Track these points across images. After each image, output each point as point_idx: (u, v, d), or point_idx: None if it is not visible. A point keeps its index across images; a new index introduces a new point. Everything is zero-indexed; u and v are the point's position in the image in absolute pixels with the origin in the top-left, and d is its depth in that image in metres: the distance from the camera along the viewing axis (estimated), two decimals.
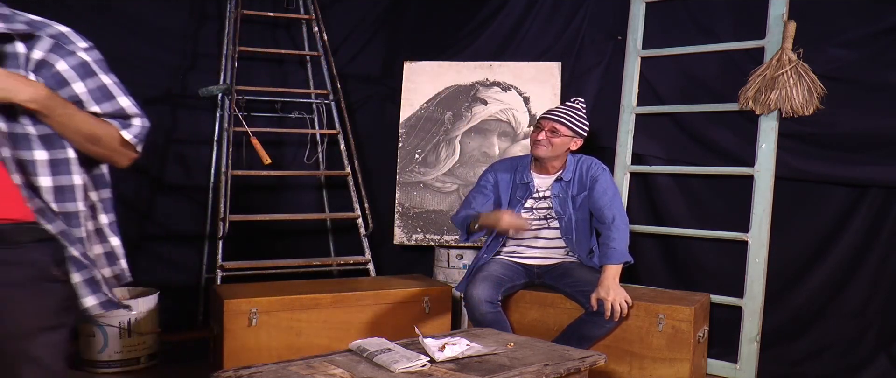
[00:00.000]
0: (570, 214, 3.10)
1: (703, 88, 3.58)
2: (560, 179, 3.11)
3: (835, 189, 3.27)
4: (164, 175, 4.05)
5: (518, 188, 3.15)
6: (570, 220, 3.10)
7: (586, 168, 3.11)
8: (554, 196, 3.11)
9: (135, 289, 3.52)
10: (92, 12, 3.80)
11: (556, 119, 3.03)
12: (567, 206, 3.10)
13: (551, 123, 3.02)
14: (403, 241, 3.95)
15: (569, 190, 3.10)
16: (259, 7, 4.11)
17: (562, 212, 3.11)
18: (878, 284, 3.18)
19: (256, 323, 3.03)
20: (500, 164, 3.26)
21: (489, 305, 2.89)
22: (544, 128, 3.03)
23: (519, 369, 2.15)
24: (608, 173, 3.14)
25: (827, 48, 3.22)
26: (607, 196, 3.06)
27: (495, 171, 3.21)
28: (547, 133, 3.02)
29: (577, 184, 3.10)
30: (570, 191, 3.10)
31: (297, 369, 2.09)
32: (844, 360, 3.18)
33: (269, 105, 4.22)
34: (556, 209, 3.11)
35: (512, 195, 3.16)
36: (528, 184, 3.13)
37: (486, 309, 2.88)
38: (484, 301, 2.88)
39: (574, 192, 3.10)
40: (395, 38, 4.56)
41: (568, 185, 3.11)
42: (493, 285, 2.95)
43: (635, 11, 3.73)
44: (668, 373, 2.97)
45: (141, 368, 3.30)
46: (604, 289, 2.85)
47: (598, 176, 3.09)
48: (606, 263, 2.91)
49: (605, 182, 3.08)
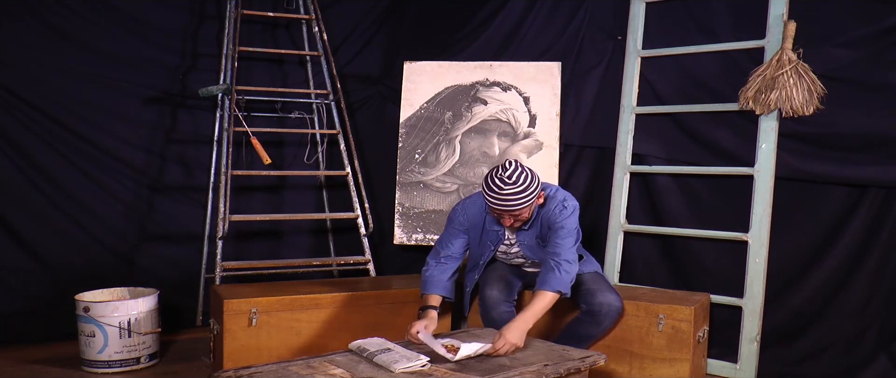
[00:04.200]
0: (542, 256, 2.90)
1: (703, 88, 3.58)
2: (522, 229, 2.94)
3: (835, 189, 3.27)
4: (164, 175, 4.05)
5: (488, 234, 2.99)
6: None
7: (549, 209, 2.87)
8: (520, 243, 2.97)
9: (135, 289, 3.52)
10: (92, 12, 3.81)
11: (513, 210, 2.73)
12: (537, 250, 2.95)
13: (511, 214, 2.76)
14: (403, 241, 3.95)
15: (534, 236, 2.94)
16: (259, 7, 4.11)
17: (533, 256, 2.99)
18: (878, 284, 3.18)
19: (256, 323, 3.03)
20: (470, 205, 3.02)
21: (506, 305, 2.90)
22: (505, 216, 2.79)
23: (519, 369, 2.15)
24: (569, 211, 2.85)
25: (827, 48, 3.22)
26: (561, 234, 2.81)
27: (467, 214, 3.00)
28: (510, 219, 2.79)
29: (541, 227, 2.91)
30: (535, 236, 2.93)
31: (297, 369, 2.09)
32: (844, 360, 3.18)
33: (269, 105, 4.22)
34: (527, 254, 3.00)
35: (483, 240, 3.01)
36: (497, 231, 2.98)
37: (504, 309, 2.89)
38: (502, 301, 2.90)
39: (542, 233, 2.92)
40: (395, 38, 4.56)
41: (531, 232, 2.94)
42: (508, 286, 2.97)
43: (635, 11, 3.73)
44: (668, 373, 2.97)
45: (141, 368, 3.30)
46: (511, 331, 2.52)
47: (557, 215, 2.84)
48: (542, 289, 2.69)
49: (562, 221, 2.82)
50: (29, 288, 3.70)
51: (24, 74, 3.66)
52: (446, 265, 2.96)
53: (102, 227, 3.87)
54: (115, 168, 3.90)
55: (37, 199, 3.71)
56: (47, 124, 3.71)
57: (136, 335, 3.26)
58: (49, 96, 3.71)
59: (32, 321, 3.69)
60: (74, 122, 3.77)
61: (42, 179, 3.72)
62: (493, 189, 2.69)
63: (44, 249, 3.73)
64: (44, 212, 3.73)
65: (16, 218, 3.67)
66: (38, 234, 3.72)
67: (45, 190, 3.73)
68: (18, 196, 3.67)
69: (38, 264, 3.72)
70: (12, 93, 3.63)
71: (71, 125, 3.76)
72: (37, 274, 3.72)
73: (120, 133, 3.90)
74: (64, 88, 3.75)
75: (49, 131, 3.72)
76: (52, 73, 3.72)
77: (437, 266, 2.96)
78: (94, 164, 3.84)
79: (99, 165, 3.85)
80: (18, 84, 3.64)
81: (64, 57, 3.75)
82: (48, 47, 3.71)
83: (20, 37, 3.65)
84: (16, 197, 3.66)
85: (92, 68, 3.81)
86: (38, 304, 3.71)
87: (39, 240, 3.72)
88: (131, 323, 3.25)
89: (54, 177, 3.75)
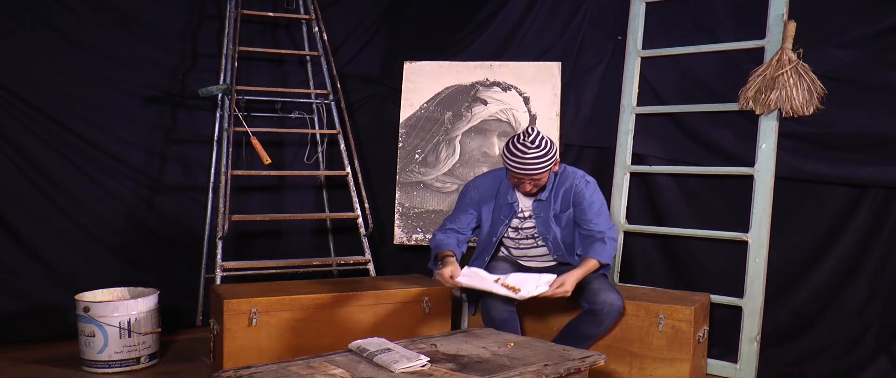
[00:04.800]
0: (555, 233, 3.01)
1: (703, 88, 3.58)
2: (539, 200, 2.99)
3: (835, 189, 3.27)
4: (164, 175, 4.05)
5: (502, 208, 3.03)
6: (556, 239, 3.02)
7: (569, 185, 2.98)
8: (535, 216, 3.01)
9: (135, 289, 3.52)
10: (92, 12, 3.81)
11: (535, 174, 2.84)
12: (550, 225, 3.00)
13: (532, 178, 2.86)
14: (403, 241, 3.95)
15: (550, 209, 2.99)
16: (259, 7, 4.11)
17: (545, 232, 3.02)
18: (878, 284, 3.18)
19: (256, 323, 3.03)
20: (481, 180, 3.12)
21: (506, 304, 2.90)
22: (525, 181, 2.88)
23: (519, 369, 2.15)
24: (593, 185, 3.00)
25: (827, 48, 3.22)
26: (593, 210, 2.96)
27: (478, 189, 3.08)
28: (530, 184, 2.89)
29: (560, 201, 2.99)
30: (551, 210, 2.99)
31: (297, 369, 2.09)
32: (844, 360, 3.18)
33: (269, 105, 4.22)
34: (539, 229, 3.03)
35: (495, 215, 3.05)
36: (512, 203, 3.02)
37: (503, 308, 2.90)
38: (502, 300, 2.89)
39: (557, 210, 2.99)
40: (395, 38, 4.56)
41: (547, 203, 2.99)
42: None
43: (635, 11, 3.73)
44: (668, 373, 2.97)
45: (141, 368, 3.30)
46: (569, 281, 2.77)
47: (582, 190, 2.96)
48: (589, 256, 2.88)
49: (590, 196, 2.96)
50: (29, 288, 3.70)
51: (24, 74, 3.66)
52: (451, 235, 3.04)
53: (102, 227, 3.87)
54: (115, 168, 3.90)
55: (37, 199, 3.71)
56: (47, 124, 3.71)
57: (136, 335, 3.26)
58: (49, 96, 3.71)
59: (32, 321, 3.69)
60: (74, 122, 3.77)
61: (42, 179, 3.72)
62: (516, 154, 2.80)
63: (44, 249, 3.73)
64: (44, 212, 3.73)
65: (16, 218, 3.67)
66: (38, 234, 3.72)
67: (45, 190, 3.73)
68: (18, 196, 3.67)
69: (38, 264, 3.72)
70: (12, 93, 3.63)
71: (71, 125, 3.77)
72: (37, 274, 3.72)
73: (120, 133, 3.90)
74: (64, 88, 3.75)
75: (49, 131, 3.72)
76: (52, 73, 3.72)
77: (442, 233, 3.05)
78: (94, 164, 3.84)
79: (99, 165, 3.85)
80: (18, 84, 3.64)
81: (64, 57, 3.75)
82: (48, 47, 3.72)
83: (20, 37, 3.65)
84: (16, 197, 3.66)
85: (92, 68, 3.82)
86: (38, 304, 3.71)
87: (39, 240, 3.72)
88: (131, 323, 3.25)
89: (54, 177, 3.75)
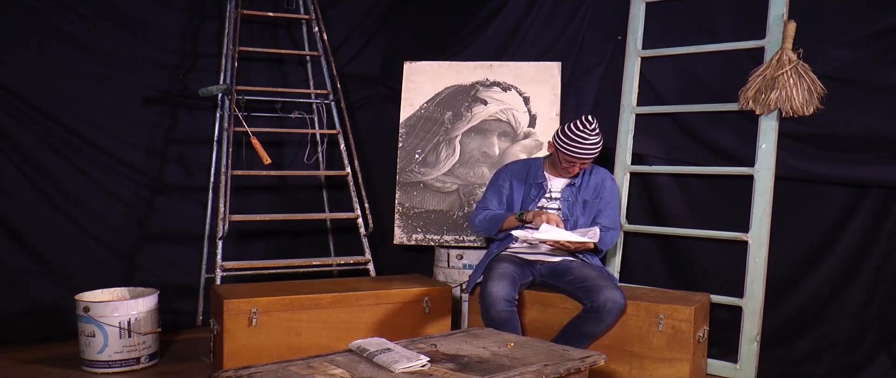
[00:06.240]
0: (578, 217, 3.21)
1: (703, 88, 3.58)
2: (572, 184, 3.24)
3: (835, 189, 3.27)
4: (164, 175, 4.05)
5: (532, 188, 3.27)
6: (576, 224, 3.20)
7: (600, 178, 3.28)
8: (564, 199, 3.23)
9: (135, 289, 3.52)
10: (92, 12, 3.81)
11: (590, 157, 3.11)
12: (575, 209, 3.23)
13: (584, 162, 3.14)
14: (403, 241, 3.95)
15: (580, 195, 3.24)
16: (259, 7, 4.11)
17: (569, 214, 3.22)
18: (878, 284, 3.18)
19: (256, 323, 3.03)
20: (513, 165, 3.40)
21: (506, 304, 2.91)
22: (576, 164, 3.14)
23: (519, 369, 2.15)
24: (616, 185, 3.34)
25: (827, 48, 3.22)
26: (611, 205, 3.26)
27: (510, 173, 3.35)
28: (578, 167, 3.17)
29: (590, 189, 3.25)
30: (580, 195, 3.24)
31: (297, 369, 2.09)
32: (844, 360, 3.18)
33: (269, 105, 4.22)
34: (564, 211, 3.21)
35: (525, 195, 3.27)
36: (541, 183, 3.25)
37: (503, 307, 2.90)
38: (502, 299, 2.90)
39: (586, 197, 3.24)
40: (395, 38, 4.56)
41: (579, 189, 3.24)
42: (510, 283, 2.97)
43: (635, 11, 3.73)
44: (668, 373, 2.97)
45: (141, 368, 3.30)
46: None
47: (610, 186, 3.29)
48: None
49: (611, 191, 3.28)
50: (29, 288, 3.70)
51: (24, 74, 3.66)
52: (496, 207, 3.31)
53: (102, 227, 3.87)
54: (115, 168, 3.90)
55: (37, 199, 3.71)
56: (47, 124, 3.71)
57: (136, 335, 3.26)
58: (49, 96, 3.71)
59: (32, 321, 3.69)
60: (74, 122, 3.77)
61: (42, 179, 3.72)
62: (575, 139, 3.04)
63: (44, 249, 3.73)
64: (44, 212, 3.73)
65: (16, 218, 3.67)
66: (38, 234, 3.72)
67: (45, 190, 3.73)
68: (18, 196, 3.67)
69: (38, 264, 3.72)
70: (12, 93, 3.63)
71: (71, 125, 3.77)
72: (37, 274, 3.72)
73: (120, 133, 3.90)
74: (64, 88, 3.75)
75: (49, 131, 3.72)
76: (52, 73, 3.72)
77: (485, 210, 3.30)
78: (94, 164, 3.84)
79: (99, 165, 3.85)
80: (18, 84, 3.64)
81: (64, 57, 3.75)
82: (48, 47, 3.72)
83: (20, 37, 3.65)
84: (16, 197, 3.66)
85: (92, 68, 3.82)
86: (38, 304, 3.71)
87: (39, 240, 3.72)
88: (131, 323, 3.25)
89: (54, 177, 3.75)
